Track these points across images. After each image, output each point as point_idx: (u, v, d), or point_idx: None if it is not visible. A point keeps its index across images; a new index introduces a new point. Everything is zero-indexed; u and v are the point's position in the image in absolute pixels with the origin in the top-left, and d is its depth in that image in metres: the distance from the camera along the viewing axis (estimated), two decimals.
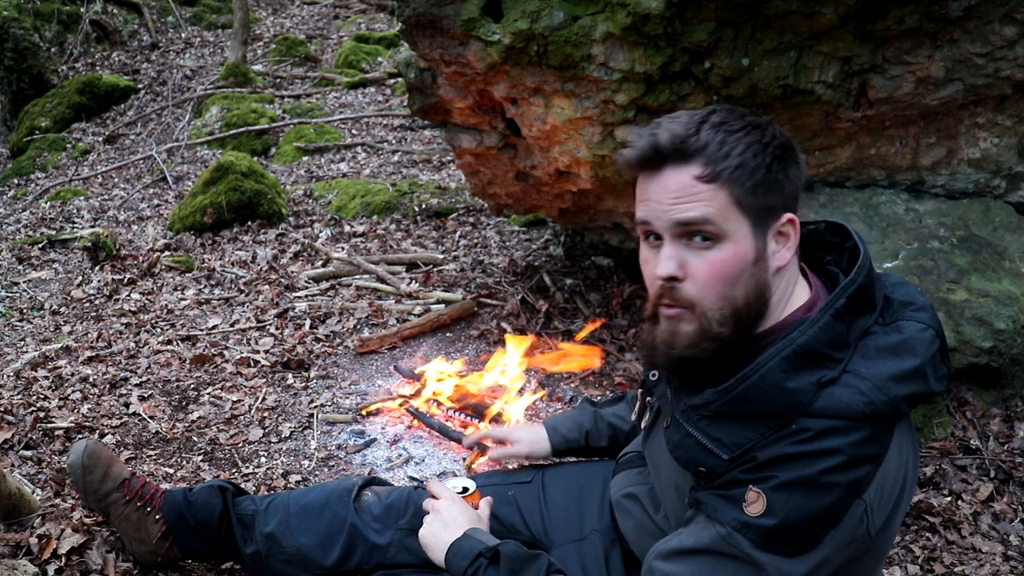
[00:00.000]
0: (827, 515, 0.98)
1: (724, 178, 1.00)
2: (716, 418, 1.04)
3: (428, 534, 1.35)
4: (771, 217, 1.03)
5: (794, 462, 0.97)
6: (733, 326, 1.03)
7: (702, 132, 1.00)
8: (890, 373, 1.00)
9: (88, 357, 3.00)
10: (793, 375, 0.99)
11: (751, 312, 1.04)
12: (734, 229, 1.01)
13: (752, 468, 1.00)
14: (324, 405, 2.69)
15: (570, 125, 2.49)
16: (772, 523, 0.97)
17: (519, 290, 3.41)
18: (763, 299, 1.05)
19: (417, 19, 2.46)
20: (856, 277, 1.05)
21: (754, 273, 1.03)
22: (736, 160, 0.99)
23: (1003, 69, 2.19)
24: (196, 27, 9.78)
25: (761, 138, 1.01)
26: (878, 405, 0.98)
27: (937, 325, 1.07)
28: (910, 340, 1.03)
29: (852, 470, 0.97)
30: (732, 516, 1.00)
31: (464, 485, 1.48)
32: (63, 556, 1.72)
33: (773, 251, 1.05)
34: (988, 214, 2.49)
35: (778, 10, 2.10)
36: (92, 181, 6.08)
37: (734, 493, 1.01)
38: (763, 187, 1.01)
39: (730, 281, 1.02)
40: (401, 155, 5.92)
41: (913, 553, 1.98)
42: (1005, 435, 2.35)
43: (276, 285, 3.69)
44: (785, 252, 1.05)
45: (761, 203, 1.01)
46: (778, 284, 1.07)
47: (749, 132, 1.01)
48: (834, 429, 0.97)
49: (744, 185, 1.00)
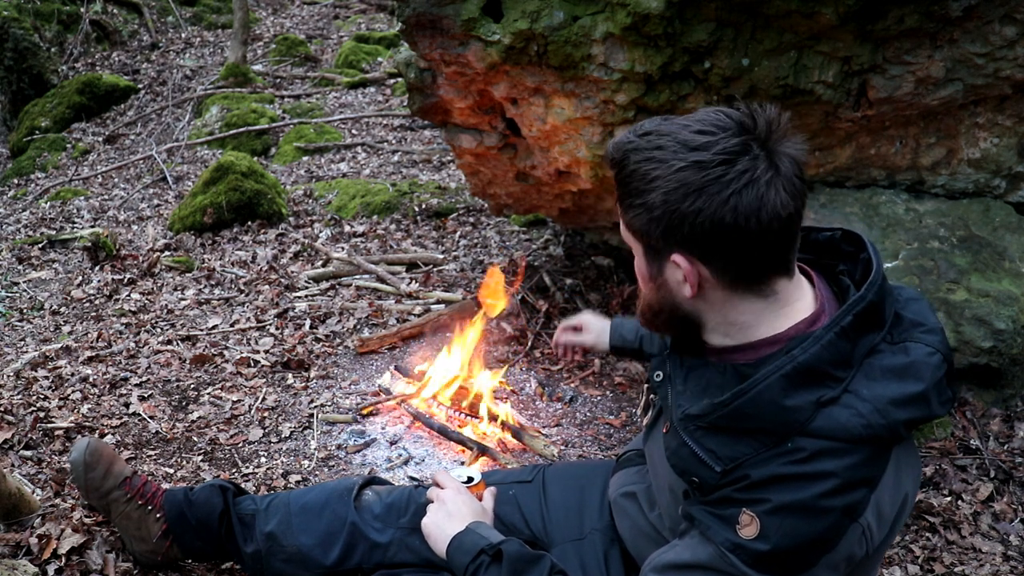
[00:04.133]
0: (821, 540, 0.96)
1: (623, 203, 1.05)
2: (711, 430, 1.04)
3: (431, 523, 1.34)
4: (662, 251, 1.04)
5: (788, 484, 0.96)
6: (655, 319, 1.13)
7: (627, 151, 1.03)
8: (891, 396, 0.98)
9: (88, 357, 3.00)
10: (792, 393, 0.98)
11: (669, 318, 1.11)
12: (635, 245, 1.09)
13: (745, 488, 0.99)
14: (324, 405, 2.69)
15: (570, 125, 2.49)
16: (765, 548, 0.97)
17: (519, 290, 3.41)
18: (678, 314, 1.09)
19: (417, 19, 2.46)
20: (866, 294, 1.02)
21: (654, 289, 1.09)
22: (634, 190, 1.01)
23: (1003, 69, 2.19)
24: (196, 27, 9.78)
25: (668, 173, 0.98)
26: (876, 428, 0.96)
27: (946, 349, 1.04)
28: (916, 364, 1.01)
29: (847, 494, 0.96)
30: (725, 537, 1.00)
31: (469, 475, 1.48)
32: (63, 556, 1.72)
33: (676, 280, 1.05)
34: (988, 214, 2.49)
35: (778, 10, 2.10)
36: (92, 181, 6.08)
37: (728, 513, 1.00)
38: (654, 223, 1.00)
39: (642, 283, 1.12)
40: (401, 155, 5.92)
41: (913, 553, 1.98)
42: (1005, 435, 2.35)
43: (276, 285, 3.69)
44: (686, 288, 1.04)
45: (650, 236, 1.03)
46: (712, 308, 1.06)
47: (660, 166, 0.98)
48: (830, 450, 0.96)
49: (633, 215, 1.03)
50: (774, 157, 0.97)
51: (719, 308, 1.06)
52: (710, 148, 0.96)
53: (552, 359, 2.99)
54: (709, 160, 0.96)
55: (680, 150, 0.97)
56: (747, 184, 0.95)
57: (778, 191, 0.96)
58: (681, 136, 0.99)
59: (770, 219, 0.96)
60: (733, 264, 1.00)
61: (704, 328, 1.10)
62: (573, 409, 2.69)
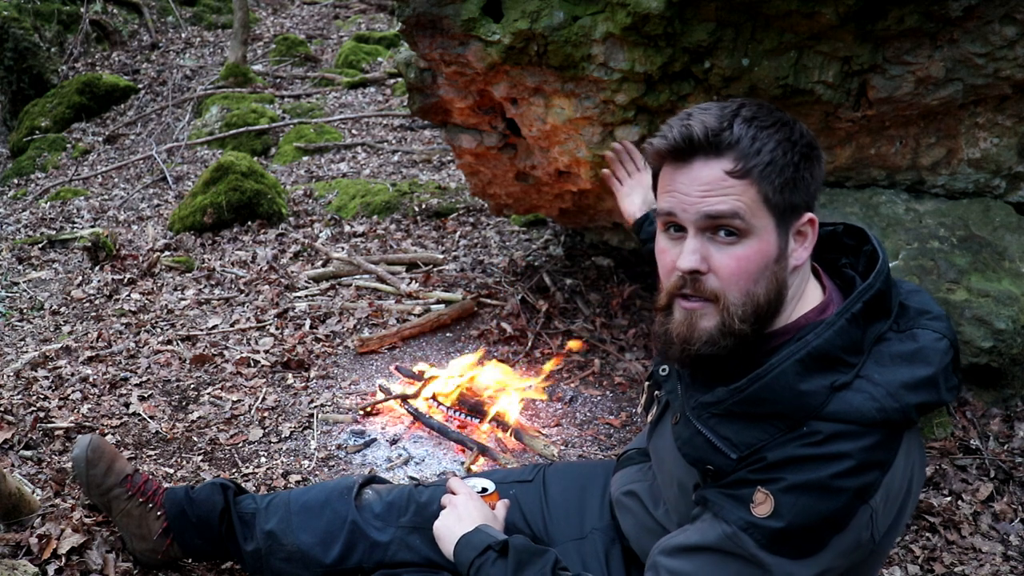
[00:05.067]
0: (834, 519, 0.98)
1: (755, 174, 0.99)
2: (727, 417, 1.04)
3: (442, 526, 1.36)
4: (794, 216, 1.03)
5: (804, 464, 0.97)
6: (753, 323, 1.03)
7: (735, 126, 1.00)
8: (903, 381, 1.00)
9: (88, 357, 3.00)
10: (806, 377, 0.99)
11: (770, 309, 1.04)
12: (760, 225, 1.01)
13: (761, 469, 1.00)
14: (324, 405, 2.69)
15: (570, 125, 2.49)
16: (779, 525, 0.97)
17: (519, 290, 3.41)
18: (781, 297, 1.05)
19: (417, 19, 2.46)
20: (874, 282, 1.04)
21: (775, 271, 1.03)
22: (767, 157, 0.99)
23: (1003, 69, 2.19)
24: (196, 27, 9.78)
25: (790, 135, 1.01)
26: (889, 412, 0.98)
27: (952, 335, 1.06)
28: (925, 349, 1.03)
29: (861, 475, 0.97)
30: (739, 516, 1.00)
31: (484, 485, 1.50)
32: (63, 556, 1.72)
33: (792, 249, 1.05)
34: (988, 214, 2.49)
35: (778, 10, 2.10)
36: (92, 181, 6.09)
37: (742, 493, 1.01)
38: (790, 185, 1.01)
39: (753, 277, 1.01)
40: (401, 155, 5.92)
41: (913, 553, 1.98)
42: (1005, 435, 2.35)
43: (276, 285, 3.69)
44: (803, 251, 1.06)
45: (787, 201, 1.01)
46: (793, 282, 1.07)
47: (779, 129, 1.01)
48: (845, 433, 0.97)
49: (773, 182, 1.00)
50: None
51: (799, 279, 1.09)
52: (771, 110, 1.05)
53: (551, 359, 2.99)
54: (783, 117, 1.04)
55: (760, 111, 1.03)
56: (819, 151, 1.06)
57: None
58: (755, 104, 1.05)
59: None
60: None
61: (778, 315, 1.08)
62: (573, 409, 2.70)
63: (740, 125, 1.00)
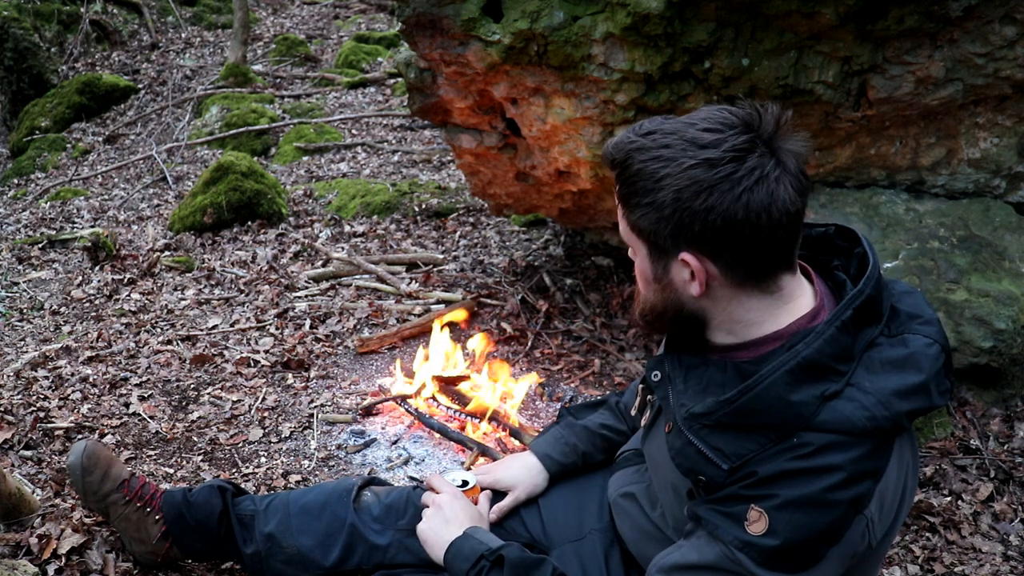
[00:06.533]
0: (829, 533, 0.97)
1: (627, 203, 1.04)
2: (717, 428, 1.04)
3: (428, 529, 1.34)
4: (670, 251, 1.03)
5: (796, 479, 0.97)
6: (657, 321, 1.12)
7: (630, 151, 1.01)
8: (894, 388, 0.99)
9: (88, 357, 3.00)
10: (797, 388, 0.98)
11: (674, 318, 1.10)
12: (637, 246, 1.08)
13: (753, 484, 0.99)
14: (324, 405, 2.69)
15: (570, 125, 2.49)
16: (775, 543, 0.97)
17: (519, 290, 3.41)
18: (683, 313, 1.09)
19: (417, 19, 2.46)
20: (864, 288, 1.03)
21: (659, 290, 1.08)
22: (640, 190, 1.01)
23: (1003, 69, 2.19)
24: (196, 27, 9.78)
25: (678, 171, 0.97)
26: (880, 420, 0.97)
27: (943, 340, 1.06)
28: (916, 355, 1.02)
29: (853, 487, 0.96)
30: (734, 535, 1.00)
31: (464, 479, 1.47)
32: (63, 556, 1.72)
33: (682, 280, 1.05)
34: (988, 214, 2.49)
35: (778, 10, 2.10)
36: (92, 181, 6.09)
37: (735, 510, 1.00)
38: (663, 222, 1.00)
39: (644, 284, 1.12)
40: (401, 155, 5.92)
41: (913, 553, 1.98)
42: (1005, 435, 2.35)
43: (276, 285, 3.69)
44: (694, 286, 1.04)
45: (658, 235, 1.02)
46: (718, 306, 1.06)
47: (669, 164, 0.98)
48: (835, 444, 0.96)
49: (640, 215, 1.02)
50: (779, 154, 0.98)
51: (725, 306, 1.06)
52: (719, 145, 0.96)
53: (551, 359, 2.99)
54: (719, 157, 0.96)
55: (689, 148, 0.97)
56: (758, 181, 0.96)
57: (786, 187, 0.97)
58: (688, 134, 0.98)
59: (780, 215, 0.97)
60: (742, 261, 1.01)
61: (708, 326, 1.10)
62: None
63: (633, 151, 1.01)
